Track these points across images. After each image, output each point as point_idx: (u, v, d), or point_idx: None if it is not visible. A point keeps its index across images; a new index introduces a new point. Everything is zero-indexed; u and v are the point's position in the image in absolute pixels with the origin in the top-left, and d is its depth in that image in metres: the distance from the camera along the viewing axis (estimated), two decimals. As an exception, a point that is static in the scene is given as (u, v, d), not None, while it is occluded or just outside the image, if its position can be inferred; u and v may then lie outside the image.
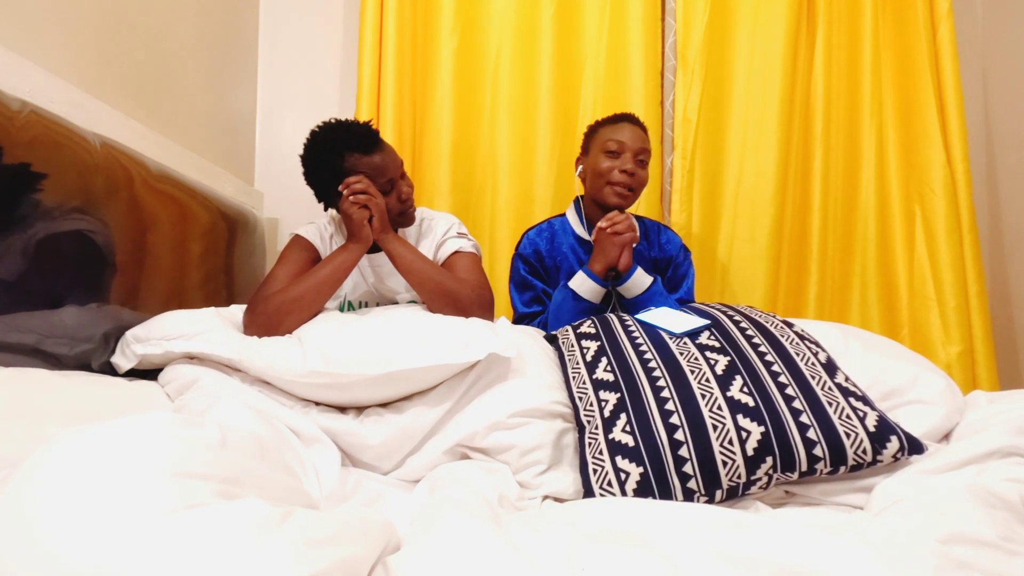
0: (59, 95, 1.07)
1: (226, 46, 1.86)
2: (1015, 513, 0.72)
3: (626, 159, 1.48)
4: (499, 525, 0.72)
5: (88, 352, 1.06)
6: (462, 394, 1.01)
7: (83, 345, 1.05)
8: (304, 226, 1.40)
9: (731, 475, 0.86)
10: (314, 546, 0.52)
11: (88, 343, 1.06)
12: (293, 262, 1.31)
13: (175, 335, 1.06)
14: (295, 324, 1.14)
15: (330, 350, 1.01)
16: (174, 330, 1.07)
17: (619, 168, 1.48)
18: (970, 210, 1.91)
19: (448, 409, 1.01)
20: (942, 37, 1.93)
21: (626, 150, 1.48)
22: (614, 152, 1.49)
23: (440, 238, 1.41)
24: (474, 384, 1.02)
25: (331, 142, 1.29)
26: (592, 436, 0.94)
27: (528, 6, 1.94)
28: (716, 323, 1.09)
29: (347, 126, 1.32)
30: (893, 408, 1.02)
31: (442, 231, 1.41)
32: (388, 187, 1.30)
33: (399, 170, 1.33)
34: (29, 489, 0.50)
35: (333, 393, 1.02)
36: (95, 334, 1.08)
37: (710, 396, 0.92)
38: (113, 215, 1.15)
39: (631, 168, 1.47)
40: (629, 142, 1.49)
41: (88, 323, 1.07)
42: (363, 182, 1.25)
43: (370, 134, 1.30)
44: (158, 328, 1.09)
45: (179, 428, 0.62)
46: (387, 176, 1.29)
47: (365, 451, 0.99)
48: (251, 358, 1.02)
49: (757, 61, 1.95)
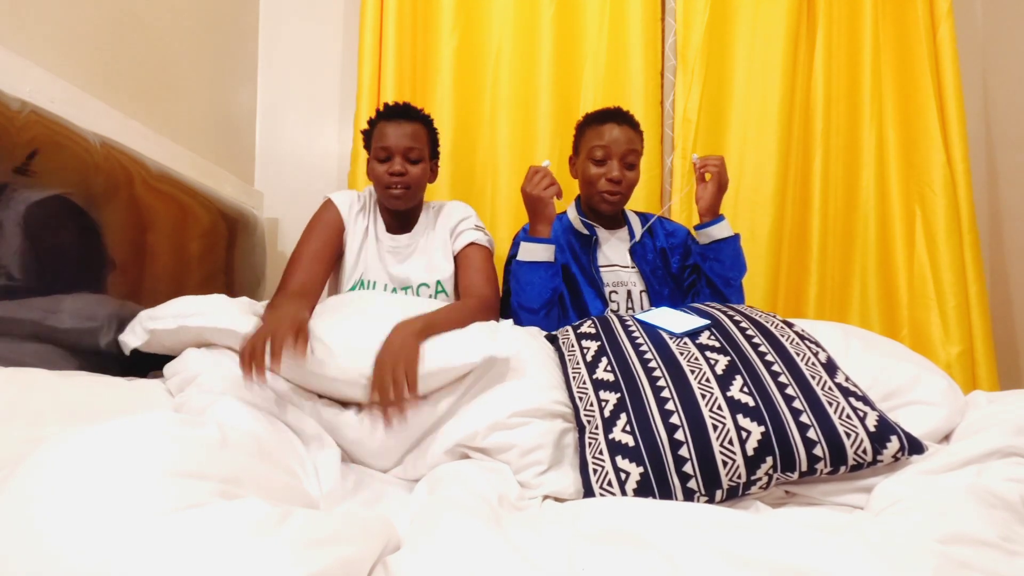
0: (59, 95, 1.07)
1: (226, 46, 1.86)
2: (1015, 513, 0.72)
3: (612, 166, 1.47)
4: (499, 525, 0.72)
5: (94, 330, 1.06)
6: (462, 394, 1.01)
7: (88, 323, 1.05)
8: (339, 193, 1.45)
9: (731, 475, 0.86)
10: (314, 546, 0.52)
11: (92, 321, 1.06)
12: (318, 238, 1.37)
13: (191, 312, 1.06)
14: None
15: (333, 343, 1.01)
16: (189, 308, 1.07)
17: (606, 176, 1.47)
18: (970, 210, 1.91)
19: (448, 408, 1.01)
20: (942, 37, 1.93)
21: (612, 156, 1.47)
22: (600, 160, 1.48)
23: (456, 224, 1.45)
24: (474, 384, 1.02)
25: (375, 114, 1.42)
26: (592, 436, 0.94)
27: (528, 6, 1.94)
28: (716, 323, 1.09)
29: (392, 103, 1.43)
30: (894, 409, 1.02)
31: (458, 217, 1.46)
32: (382, 155, 1.36)
33: (403, 148, 1.36)
34: (29, 489, 0.50)
35: (333, 387, 1.01)
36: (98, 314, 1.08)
37: (710, 396, 0.92)
38: (113, 215, 1.15)
39: (617, 175, 1.47)
40: (614, 146, 1.47)
41: (88, 306, 1.07)
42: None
43: (398, 106, 1.40)
44: (172, 308, 1.09)
45: (178, 428, 0.62)
46: (385, 143, 1.35)
47: (363, 448, 0.99)
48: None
49: (757, 61, 1.95)
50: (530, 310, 1.41)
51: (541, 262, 1.40)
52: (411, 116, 1.40)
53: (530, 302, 1.40)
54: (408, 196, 1.39)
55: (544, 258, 1.40)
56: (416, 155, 1.38)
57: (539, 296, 1.40)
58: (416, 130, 1.38)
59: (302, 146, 2.08)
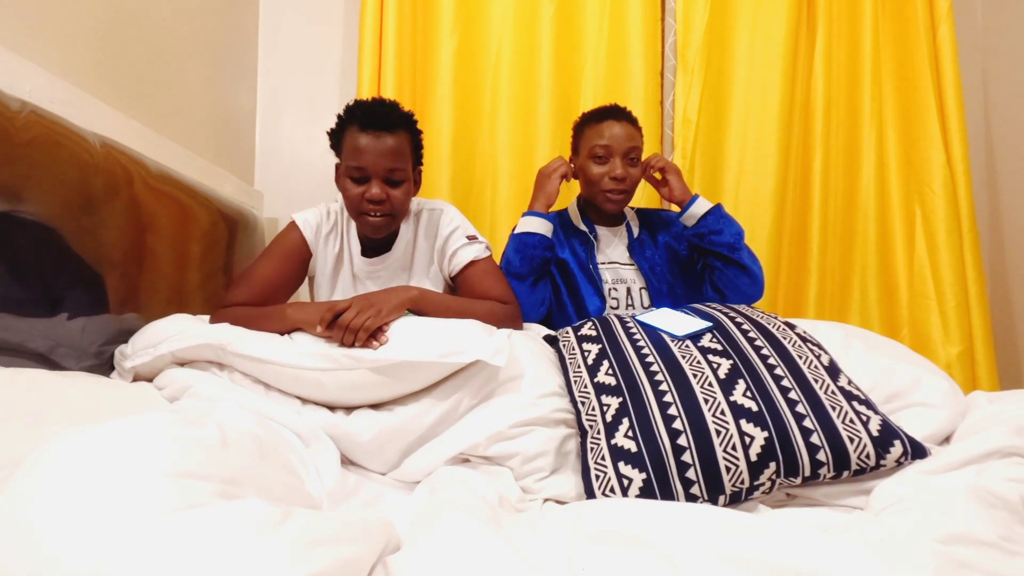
0: (59, 95, 1.07)
1: (226, 46, 1.86)
2: (1015, 513, 0.72)
3: (615, 164, 1.46)
4: (499, 526, 0.71)
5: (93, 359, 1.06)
6: (461, 399, 1.00)
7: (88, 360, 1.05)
8: (307, 212, 1.29)
9: (734, 481, 0.86)
10: (314, 546, 0.52)
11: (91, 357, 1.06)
12: (275, 265, 1.23)
13: (159, 339, 1.05)
14: None
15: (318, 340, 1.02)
16: (157, 336, 1.06)
17: (609, 175, 1.46)
18: (970, 210, 1.91)
19: (445, 412, 0.99)
20: (942, 37, 1.93)
21: (613, 153, 1.46)
22: (602, 158, 1.47)
23: (444, 243, 1.29)
24: (475, 388, 1.01)
25: (346, 111, 1.20)
26: (594, 441, 0.93)
27: (528, 6, 1.94)
28: (718, 325, 1.09)
29: (369, 102, 1.20)
30: (895, 411, 1.02)
31: (445, 233, 1.29)
32: (356, 175, 1.16)
33: (382, 170, 1.16)
34: (29, 490, 0.50)
35: (320, 388, 1.00)
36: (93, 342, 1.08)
37: (713, 400, 0.91)
38: (113, 215, 1.15)
39: (621, 173, 1.45)
40: (615, 144, 1.46)
41: (86, 331, 1.07)
42: None
43: (377, 110, 1.16)
44: (141, 340, 1.08)
45: (179, 428, 0.62)
46: (360, 163, 1.15)
47: (356, 449, 0.98)
48: (240, 341, 1.02)
49: (757, 61, 1.95)
50: (518, 276, 1.41)
51: (535, 232, 1.42)
52: (392, 125, 1.16)
53: (519, 267, 1.41)
54: (388, 224, 1.20)
55: (539, 230, 1.42)
56: (400, 175, 1.17)
57: (529, 261, 1.41)
58: (399, 144, 1.16)
59: (302, 146, 2.08)
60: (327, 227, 1.30)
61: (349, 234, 1.32)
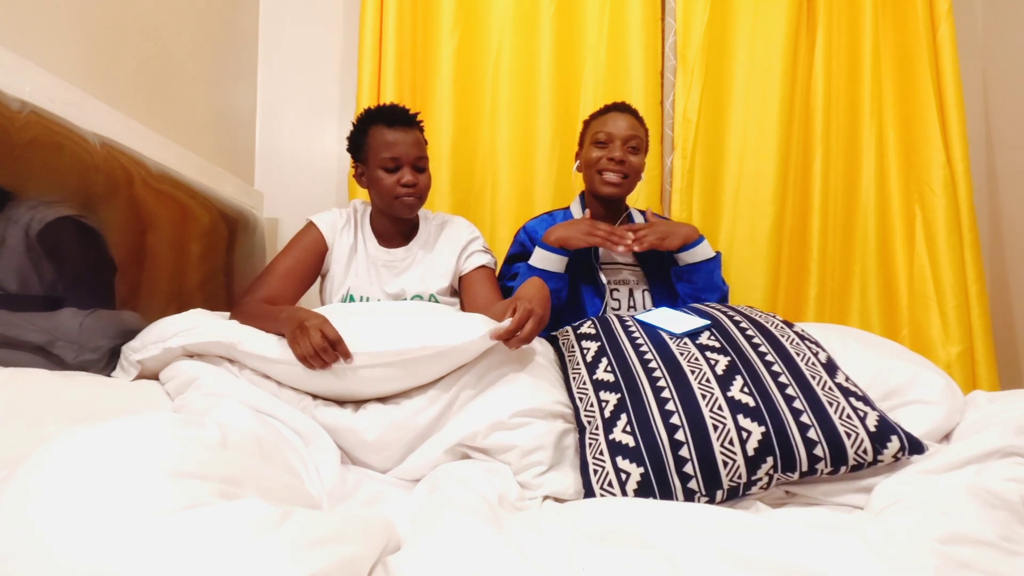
0: (59, 95, 1.07)
1: (226, 46, 1.86)
2: (1015, 513, 0.72)
3: (615, 147, 1.48)
4: (499, 525, 0.72)
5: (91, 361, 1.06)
6: (460, 390, 1.02)
7: (88, 354, 1.05)
8: (323, 213, 1.42)
9: (732, 475, 0.86)
10: (314, 546, 0.52)
11: (94, 352, 1.06)
12: (295, 256, 1.35)
13: (170, 334, 1.06)
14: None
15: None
16: (168, 330, 1.07)
17: (607, 156, 1.48)
18: (970, 210, 1.91)
19: (447, 404, 1.01)
20: (942, 37, 1.93)
21: (614, 139, 1.49)
22: (603, 142, 1.50)
23: (466, 245, 1.44)
24: (475, 381, 1.02)
25: (365, 115, 1.36)
26: (592, 436, 0.94)
27: (528, 6, 1.94)
28: (716, 323, 1.09)
29: (386, 106, 1.38)
30: (893, 408, 1.02)
31: (467, 238, 1.45)
32: (391, 164, 1.32)
33: (412, 158, 1.33)
34: (29, 489, 0.50)
35: (327, 381, 1.01)
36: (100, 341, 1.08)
37: (711, 396, 0.92)
38: (113, 215, 1.15)
39: (619, 155, 1.47)
40: (617, 131, 1.49)
41: (91, 328, 1.07)
42: None
43: (398, 110, 1.35)
44: (152, 334, 1.08)
45: (179, 428, 0.62)
46: (394, 154, 1.31)
47: (362, 446, 0.99)
48: (251, 340, 1.03)
49: (757, 61, 1.95)
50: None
51: (551, 272, 1.41)
52: (412, 122, 1.37)
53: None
54: (418, 205, 1.38)
55: (554, 268, 1.42)
56: (424, 163, 1.36)
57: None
58: (419, 137, 1.37)
59: (302, 146, 2.08)
60: (342, 222, 1.42)
61: (364, 227, 1.45)
